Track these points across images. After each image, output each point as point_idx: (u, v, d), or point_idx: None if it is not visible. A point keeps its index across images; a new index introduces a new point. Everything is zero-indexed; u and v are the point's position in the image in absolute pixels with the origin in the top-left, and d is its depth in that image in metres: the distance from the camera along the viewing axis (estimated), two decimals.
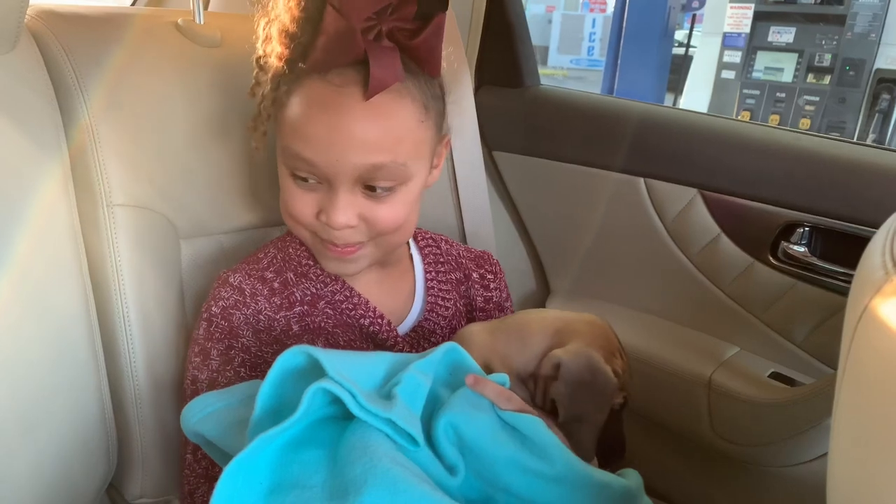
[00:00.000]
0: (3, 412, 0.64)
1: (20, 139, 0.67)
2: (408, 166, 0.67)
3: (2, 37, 0.65)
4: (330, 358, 0.53)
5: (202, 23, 0.83)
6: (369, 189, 0.67)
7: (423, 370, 0.59)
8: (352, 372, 0.54)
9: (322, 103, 0.63)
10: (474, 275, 0.87)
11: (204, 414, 0.60)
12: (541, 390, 0.65)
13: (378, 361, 0.60)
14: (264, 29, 0.68)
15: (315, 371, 0.53)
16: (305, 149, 0.65)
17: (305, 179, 0.67)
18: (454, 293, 0.84)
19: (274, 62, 0.67)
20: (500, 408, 0.60)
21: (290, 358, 0.54)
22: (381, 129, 0.64)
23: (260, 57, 0.70)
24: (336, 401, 0.52)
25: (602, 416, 0.64)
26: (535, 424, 0.60)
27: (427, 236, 0.87)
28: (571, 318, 0.70)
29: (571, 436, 0.62)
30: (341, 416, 0.54)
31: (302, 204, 0.68)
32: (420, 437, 0.54)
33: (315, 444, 0.53)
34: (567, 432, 0.63)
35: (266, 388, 0.54)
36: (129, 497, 0.80)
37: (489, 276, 0.88)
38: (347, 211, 0.66)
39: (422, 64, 0.66)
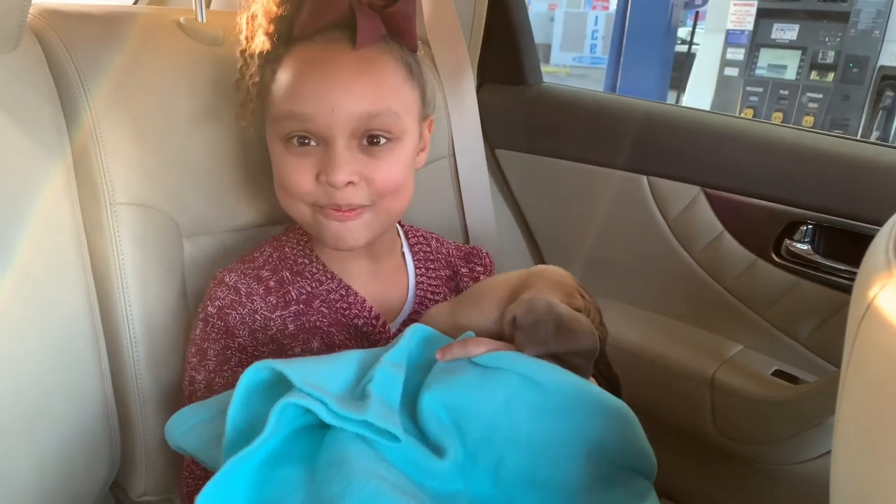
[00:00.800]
0: (4, 410, 0.64)
1: (22, 138, 0.67)
2: (401, 118, 0.69)
3: (4, 36, 0.65)
4: (296, 369, 0.52)
5: (204, 21, 0.83)
6: (366, 144, 0.68)
7: (394, 360, 0.59)
8: (321, 378, 0.53)
9: (312, 60, 0.66)
10: (463, 269, 0.87)
11: (184, 429, 0.60)
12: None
13: (348, 361, 0.59)
14: (248, 23, 0.71)
15: (284, 381, 0.52)
16: (300, 104, 0.66)
17: (301, 143, 0.67)
18: (444, 288, 0.84)
19: (258, 46, 0.69)
20: (473, 356, 0.60)
21: (255, 374, 0.53)
22: (372, 78, 0.67)
23: (244, 49, 0.72)
24: (310, 410, 0.51)
25: (589, 351, 0.62)
26: (513, 356, 0.59)
27: (417, 234, 0.87)
28: (522, 274, 0.70)
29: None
30: (318, 424, 0.53)
31: (298, 171, 0.68)
32: (399, 432, 0.53)
33: (293, 460, 0.53)
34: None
35: (234, 407, 0.53)
36: (133, 495, 0.80)
37: (479, 269, 0.88)
38: (346, 167, 0.66)
39: (399, 33, 0.70)
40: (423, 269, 0.83)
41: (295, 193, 0.69)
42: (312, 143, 0.67)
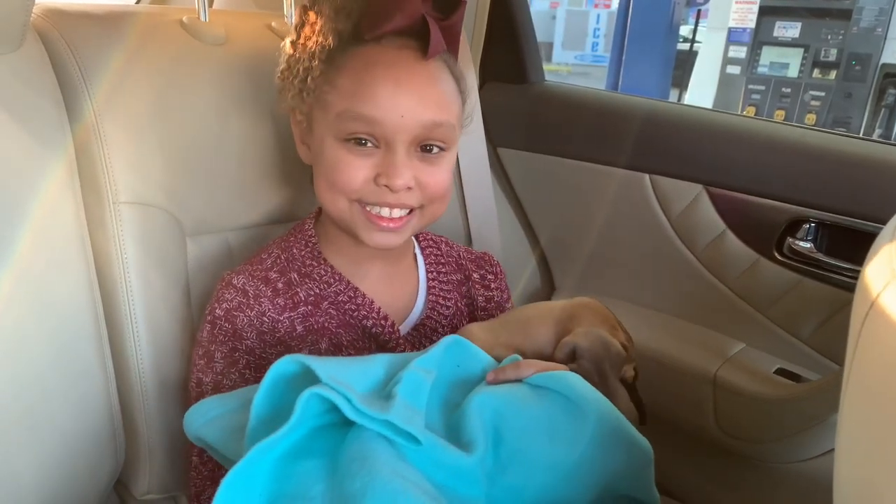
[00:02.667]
0: (7, 409, 0.64)
1: (26, 137, 0.67)
2: (455, 129, 0.72)
3: (8, 35, 0.65)
4: (323, 364, 0.53)
5: (207, 20, 0.83)
6: (423, 151, 0.70)
7: (424, 366, 0.59)
8: (348, 376, 0.54)
9: (384, 64, 0.67)
10: (475, 275, 0.87)
11: (205, 420, 0.60)
12: None
13: (377, 363, 0.59)
14: (303, 13, 0.71)
15: (310, 378, 0.52)
16: (370, 108, 0.66)
17: (362, 143, 0.68)
18: (455, 293, 0.84)
19: (320, 40, 0.69)
20: (525, 378, 0.62)
21: (283, 366, 0.54)
22: (437, 88, 0.69)
23: (295, 41, 0.72)
24: (334, 408, 0.51)
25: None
26: (564, 377, 0.60)
27: (428, 237, 0.87)
28: (567, 305, 0.73)
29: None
30: (340, 422, 0.53)
31: (355, 170, 0.69)
32: (420, 435, 0.53)
33: (314, 454, 0.53)
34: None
35: (259, 397, 0.53)
36: (137, 493, 0.80)
37: (489, 277, 0.88)
38: (406, 172, 0.68)
39: (450, 47, 0.71)
40: (434, 273, 0.83)
41: (344, 189, 0.70)
42: (372, 144, 0.68)
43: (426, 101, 0.68)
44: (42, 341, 0.67)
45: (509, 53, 1.31)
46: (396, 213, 0.71)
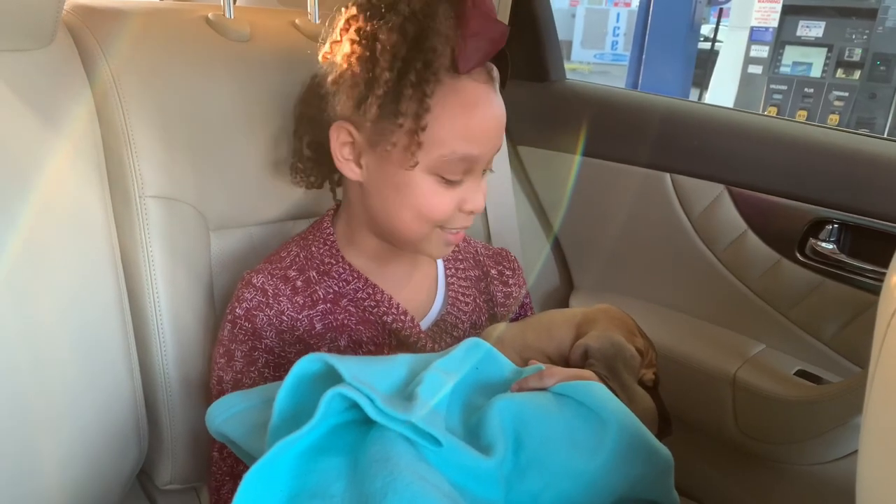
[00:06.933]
0: (33, 401, 0.65)
1: (55, 131, 0.68)
2: None
3: (40, 31, 0.67)
4: (346, 364, 0.53)
5: (232, 17, 0.84)
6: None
7: (445, 368, 0.59)
8: (370, 376, 0.54)
9: (481, 101, 0.68)
10: (493, 271, 0.87)
11: (228, 415, 0.61)
12: None
13: (399, 363, 0.60)
14: (366, 38, 0.66)
15: (333, 377, 0.53)
16: (475, 147, 0.68)
17: (457, 180, 0.69)
18: (474, 289, 0.84)
19: (414, 74, 0.64)
20: (548, 387, 0.63)
21: (307, 365, 0.54)
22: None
23: (371, 71, 0.65)
24: (355, 406, 0.52)
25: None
26: (586, 387, 0.61)
27: None
28: (588, 310, 0.76)
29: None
30: (361, 421, 0.54)
31: (448, 201, 0.70)
32: (441, 436, 0.53)
33: (335, 452, 0.53)
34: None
35: (283, 395, 0.54)
36: (160, 483, 0.81)
37: (507, 273, 0.89)
38: (483, 194, 0.72)
39: None
40: (452, 270, 0.84)
41: (433, 218, 0.70)
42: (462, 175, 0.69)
43: (503, 131, 0.71)
44: (67, 335, 0.68)
45: (530, 51, 1.31)
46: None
